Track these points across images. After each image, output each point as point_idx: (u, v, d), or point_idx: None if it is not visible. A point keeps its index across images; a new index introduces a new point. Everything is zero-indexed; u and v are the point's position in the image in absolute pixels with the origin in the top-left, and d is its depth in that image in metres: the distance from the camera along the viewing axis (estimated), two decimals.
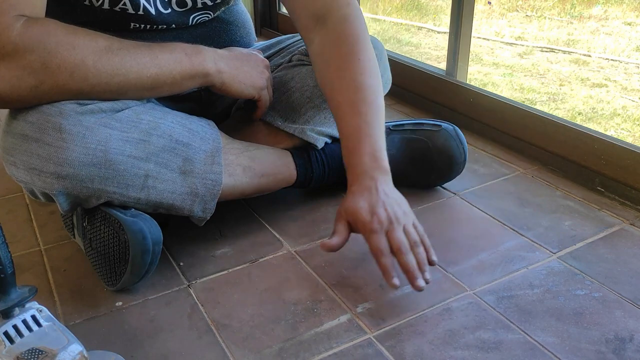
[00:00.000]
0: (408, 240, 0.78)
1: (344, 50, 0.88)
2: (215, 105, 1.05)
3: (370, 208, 0.79)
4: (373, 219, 0.78)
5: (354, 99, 0.86)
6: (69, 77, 0.73)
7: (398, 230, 0.78)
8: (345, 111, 0.86)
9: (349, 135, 0.85)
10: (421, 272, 0.76)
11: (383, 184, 0.82)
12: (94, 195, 0.77)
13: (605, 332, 0.74)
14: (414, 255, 0.77)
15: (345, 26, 0.89)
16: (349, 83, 0.87)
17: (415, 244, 0.78)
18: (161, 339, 0.75)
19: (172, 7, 0.90)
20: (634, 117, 2.09)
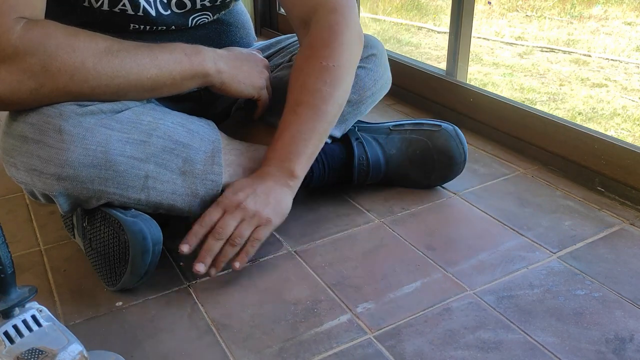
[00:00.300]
0: (234, 231, 0.79)
1: (308, 54, 0.89)
2: (215, 105, 1.05)
3: (239, 188, 0.82)
4: (228, 196, 0.81)
5: (298, 100, 0.87)
6: (69, 80, 0.73)
7: (231, 218, 0.79)
8: (286, 108, 0.88)
9: (277, 132, 0.87)
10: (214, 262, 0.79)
11: (273, 182, 0.84)
12: (94, 196, 0.77)
13: (606, 332, 0.74)
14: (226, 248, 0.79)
15: (322, 32, 0.89)
16: (300, 84, 0.88)
17: (232, 244, 0.80)
18: (161, 339, 0.75)
19: (172, 9, 0.90)
20: (634, 117, 2.09)
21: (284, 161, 0.85)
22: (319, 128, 0.87)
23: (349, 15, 0.91)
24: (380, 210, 1.03)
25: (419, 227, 0.98)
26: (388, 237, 0.95)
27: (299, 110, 0.86)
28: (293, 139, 0.86)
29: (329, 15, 0.90)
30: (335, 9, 0.90)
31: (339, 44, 0.88)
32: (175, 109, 0.87)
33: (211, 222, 0.80)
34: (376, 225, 0.99)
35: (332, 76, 0.87)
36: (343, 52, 0.89)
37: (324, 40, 0.89)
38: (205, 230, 0.80)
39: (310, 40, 0.90)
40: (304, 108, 0.86)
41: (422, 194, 1.08)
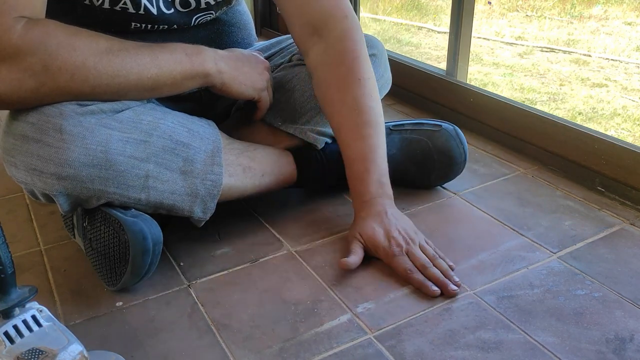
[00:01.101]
0: (426, 255, 0.85)
1: (343, 70, 0.90)
2: (216, 105, 1.05)
3: (386, 233, 0.86)
4: (391, 244, 0.85)
5: (357, 122, 0.89)
6: (70, 79, 0.73)
7: (416, 249, 0.85)
8: (348, 134, 0.89)
9: (354, 161, 0.89)
10: (448, 278, 0.82)
11: (391, 208, 0.88)
12: (95, 196, 0.77)
13: (606, 332, 0.74)
14: (436, 266, 0.83)
15: (345, 44, 0.90)
16: (351, 105, 0.89)
17: (434, 258, 0.85)
18: (161, 339, 0.75)
19: (176, 8, 0.90)
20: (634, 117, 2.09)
21: (381, 187, 0.89)
22: (384, 143, 0.91)
23: (357, 20, 0.93)
24: None
25: (419, 227, 0.98)
26: None
27: (365, 133, 0.89)
28: (375, 164, 0.89)
29: (343, 24, 0.90)
30: (346, 16, 0.91)
31: (364, 56, 0.91)
32: (175, 109, 0.87)
33: (411, 266, 0.83)
34: None
35: (374, 89, 0.91)
36: (367, 62, 0.92)
37: (354, 53, 0.90)
38: (420, 273, 0.83)
39: (334, 56, 0.90)
40: (366, 130, 0.89)
41: (422, 194, 1.08)
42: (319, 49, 0.91)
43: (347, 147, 0.90)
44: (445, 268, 0.83)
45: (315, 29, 0.90)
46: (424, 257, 0.84)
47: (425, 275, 0.82)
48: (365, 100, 0.89)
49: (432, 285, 0.81)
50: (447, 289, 0.80)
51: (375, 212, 0.87)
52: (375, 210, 0.87)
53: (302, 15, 0.91)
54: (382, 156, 0.90)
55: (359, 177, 0.89)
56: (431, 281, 0.81)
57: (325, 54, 0.90)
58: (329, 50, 0.90)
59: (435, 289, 0.80)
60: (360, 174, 0.89)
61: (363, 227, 0.87)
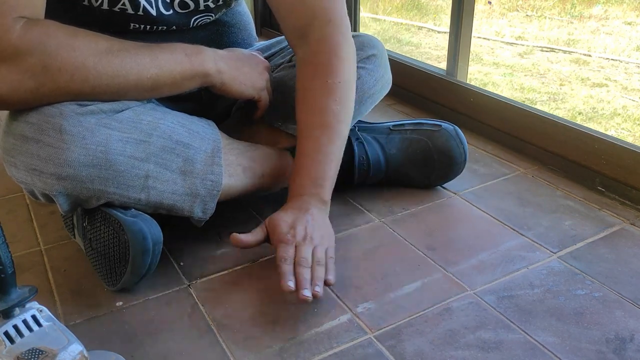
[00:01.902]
0: (313, 258, 0.79)
1: (312, 71, 0.90)
2: (216, 105, 1.05)
3: (292, 223, 0.82)
4: (289, 232, 0.81)
5: (312, 122, 0.88)
6: (70, 79, 0.73)
7: (307, 247, 0.80)
8: (301, 132, 0.89)
9: (299, 157, 0.88)
10: (313, 285, 0.76)
11: (316, 209, 0.85)
12: (94, 196, 0.77)
13: (606, 332, 0.74)
14: (312, 270, 0.78)
15: (321, 46, 0.90)
16: (312, 104, 0.89)
17: (318, 263, 0.79)
18: (161, 339, 0.75)
19: (174, 9, 0.90)
20: (634, 116, 2.09)
21: (315, 188, 0.87)
22: (337, 148, 0.89)
23: (343, 25, 0.91)
24: (381, 210, 1.03)
25: (419, 227, 0.98)
26: (388, 237, 0.95)
27: (316, 134, 0.87)
28: (318, 164, 0.87)
29: (325, 28, 0.90)
30: (330, 20, 0.90)
31: (340, 60, 0.89)
32: (175, 109, 0.87)
33: (290, 257, 0.79)
34: (376, 225, 0.99)
35: (340, 93, 0.88)
36: (344, 67, 0.90)
37: (325, 55, 0.89)
38: (291, 265, 0.78)
39: (311, 57, 0.90)
40: (320, 130, 0.87)
41: (422, 194, 1.08)
42: (302, 51, 0.92)
43: (297, 143, 0.89)
44: (317, 276, 0.78)
45: (301, 32, 0.91)
46: (306, 257, 0.79)
47: (295, 271, 0.77)
48: (327, 101, 0.88)
49: (289, 281, 0.75)
50: (300, 291, 0.75)
51: (297, 206, 0.85)
52: (298, 204, 0.85)
53: (291, 17, 0.91)
54: (329, 159, 0.87)
55: (296, 172, 0.88)
56: (295, 279, 0.76)
57: (305, 54, 0.91)
58: (307, 51, 0.91)
59: (289, 285, 0.75)
60: (299, 169, 0.88)
61: (275, 215, 0.85)
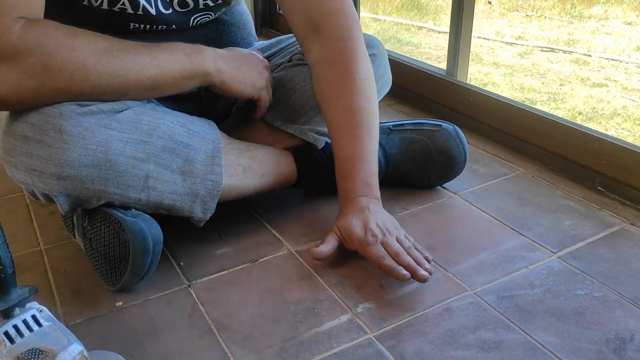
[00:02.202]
0: (402, 246, 0.83)
1: (340, 69, 0.90)
2: (216, 105, 1.05)
3: (364, 225, 0.84)
4: (367, 233, 0.83)
5: (349, 122, 0.89)
6: (70, 79, 0.73)
7: (391, 239, 0.83)
8: (341, 134, 0.89)
9: (344, 159, 0.89)
10: (420, 265, 0.80)
11: (375, 206, 0.87)
12: (95, 196, 0.77)
13: (606, 332, 0.74)
14: (410, 255, 0.81)
15: (343, 42, 0.90)
16: (345, 104, 0.89)
17: (410, 249, 0.83)
18: (161, 339, 0.75)
19: (174, 8, 0.90)
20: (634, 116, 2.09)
21: (367, 187, 0.88)
22: (375, 144, 0.91)
23: (357, 18, 0.92)
24: None
25: (419, 227, 0.98)
26: None
27: (357, 133, 0.89)
28: (365, 164, 0.88)
29: (343, 22, 0.90)
30: (346, 13, 0.90)
31: (362, 55, 0.91)
32: (175, 109, 0.87)
33: (385, 253, 0.82)
34: None
35: (369, 90, 0.90)
36: (367, 62, 0.91)
37: (351, 52, 0.90)
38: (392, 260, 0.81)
39: (332, 54, 0.90)
40: (358, 130, 0.89)
41: (422, 194, 1.08)
42: (318, 47, 0.91)
43: (337, 145, 0.90)
44: (418, 257, 0.82)
45: (316, 27, 0.90)
46: (398, 246, 0.82)
47: (397, 262, 0.80)
48: (359, 100, 0.89)
49: (402, 269, 0.79)
50: (417, 274, 0.78)
51: (358, 208, 0.86)
52: (358, 207, 0.86)
53: (303, 13, 0.91)
54: (372, 157, 0.89)
55: (346, 175, 0.89)
56: (404, 267, 0.79)
57: (323, 52, 0.90)
58: (327, 48, 0.90)
59: (405, 272, 0.78)
60: (347, 172, 0.89)
61: (342, 220, 0.86)
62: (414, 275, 0.79)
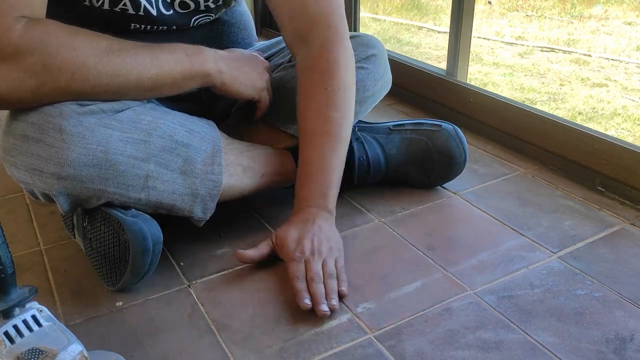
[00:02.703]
0: (323, 272, 0.81)
1: (313, 78, 0.90)
2: (216, 105, 1.05)
3: (299, 238, 0.84)
4: (297, 249, 0.83)
5: (314, 130, 0.89)
6: (70, 79, 0.73)
7: (316, 262, 0.81)
8: (304, 141, 0.89)
9: (303, 166, 0.89)
10: (327, 299, 0.78)
11: (322, 220, 0.86)
12: (95, 196, 0.77)
13: (606, 332, 0.74)
14: (324, 285, 0.79)
15: (322, 52, 0.90)
16: (313, 113, 0.89)
17: (330, 277, 0.81)
18: (161, 339, 0.75)
19: (175, 9, 0.90)
20: (634, 116, 2.09)
21: (321, 198, 0.88)
22: (340, 155, 0.89)
23: (342, 30, 0.92)
24: (381, 210, 1.03)
25: (419, 227, 0.98)
26: (388, 237, 0.95)
27: (318, 141, 0.88)
28: (322, 173, 0.88)
29: (325, 33, 0.90)
30: (330, 26, 0.90)
31: (340, 66, 0.90)
32: (175, 109, 0.87)
33: (302, 273, 0.81)
34: (376, 225, 0.99)
35: (341, 101, 0.89)
36: (344, 73, 0.90)
37: (326, 62, 0.90)
38: (304, 282, 0.80)
39: (312, 62, 0.91)
40: (322, 138, 0.88)
41: (422, 194, 1.08)
42: (302, 55, 0.92)
43: (300, 152, 0.90)
44: (330, 289, 0.79)
45: (301, 36, 0.91)
46: (317, 272, 0.80)
47: (309, 287, 0.78)
48: (327, 110, 0.88)
49: (306, 298, 0.77)
50: (317, 307, 0.76)
51: (304, 219, 0.86)
52: (304, 217, 0.86)
53: (291, 21, 0.92)
54: (334, 169, 0.88)
55: (302, 182, 0.89)
56: (310, 294, 0.78)
57: (305, 60, 0.92)
58: (308, 57, 0.91)
59: (306, 302, 0.76)
60: (305, 180, 0.89)
61: (282, 229, 0.86)
62: (314, 307, 0.77)
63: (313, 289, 0.78)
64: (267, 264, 0.89)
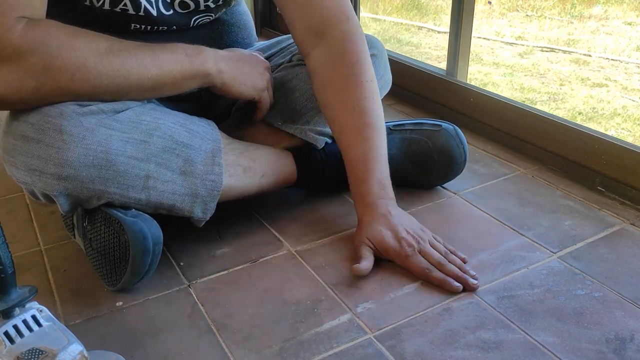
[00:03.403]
0: (439, 252, 0.85)
1: (346, 72, 0.90)
2: (216, 105, 1.05)
3: (394, 234, 0.85)
4: (402, 245, 0.84)
5: (359, 124, 0.89)
6: (71, 79, 0.73)
7: (427, 247, 0.85)
8: (350, 136, 0.89)
9: (356, 162, 0.89)
10: (464, 273, 0.82)
11: (394, 209, 0.88)
12: (95, 196, 0.77)
13: (606, 332, 0.74)
14: (451, 262, 0.84)
15: (347, 45, 0.90)
16: (353, 107, 0.89)
17: (447, 254, 0.85)
18: (161, 339, 0.75)
19: (175, 9, 0.90)
20: (634, 116, 2.09)
21: (383, 189, 0.89)
22: (385, 145, 0.91)
23: (358, 23, 0.93)
24: None
25: None
26: None
27: (368, 135, 0.89)
28: (378, 165, 0.89)
29: (345, 26, 0.90)
30: (348, 18, 0.91)
31: (367, 58, 0.91)
32: (175, 109, 0.87)
33: (428, 264, 0.84)
34: None
35: (375, 92, 0.91)
36: (370, 64, 0.92)
37: (356, 55, 0.90)
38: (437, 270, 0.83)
39: (336, 57, 0.90)
40: (369, 131, 0.89)
41: (422, 194, 1.08)
42: (320, 51, 0.91)
43: (348, 149, 0.90)
44: (459, 263, 0.84)
45: (317, 31, 0.90)
46: (438, 255, 0.84)
47: (443, 272, 0.82)
48: (367, 102, 0.89)
49: (453, 281, 0.81)
50: (469, 284, 0.81)
51: (380, 214, 0.87)
52: (380, 212, 0.87)
53: (304, 17, 0.91)
54: (384, 158, 0.90)
55: (360, 178, 0.89)
56: (450, 277, 0.82)
57: (326, 56, 0.90)
58: (330, 52, 0.90)
59: (457, 284, 0.81)
60: (362, 175, 0.89)
61: (370, 231, 0.86)
62: (465, 285, 0.81)
63: (448, 271, 0.82)
64: (268, 264, 0.89)
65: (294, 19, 0.92)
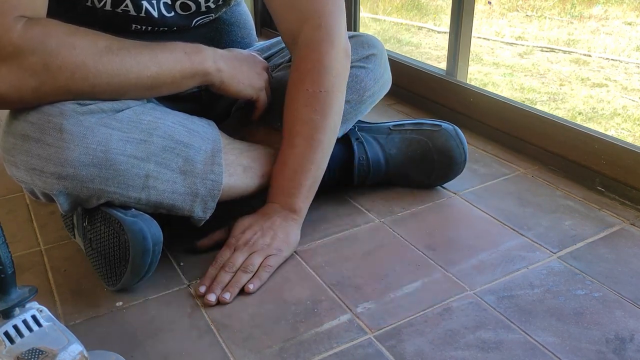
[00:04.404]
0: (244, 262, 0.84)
1: (296, 78, 0.91)
2: (216, 105, 1.05)
3: (245, 228, 0.88)
4: (236, 236, 0.87)
5: (292, 131, 0.90)
6: (70, 78, 0.73)
7: (242, 253, 0.85)
8: (284, 138, 0.91)
9: (276, 164, 0.91)
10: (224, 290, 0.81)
11: (280, 217, 0.88)
12: (95, 196, 0.77)
13: (606, 332, 0.74)
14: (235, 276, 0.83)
15: (307, 53, 0.90)
16: (292, 112, 0.90)
17: (243, 270, 0.83)
18: (161, 339, 0.75)
19: (176, 11, 0.90)
20: (634, 117, 2.09)
21: (286, 197, 0.90)
22: (315, 158, 0.90)
23: (335, 30, 0.90)
24: (381, 210, 1.03)
25: (419, 227, 0.98)
26: (388, 237, 0.95)
27: (295, 142, 0.89)
28: (293, 173, 0.89)
29: (313, 33, 0.89)
30: (320, 25, 0.89)
31: (324, 68, 0.89)
32: (175, 109, 0.87)
33: (222, 261, 0.84)
34: (376, 225, 0.99)
35: (321, 103, 0.89)
36: (328, 75, 0.89)
37: (310, 63, 0.89)
38: (217, 269, 0.84)
39: (297, 64, 0.91)
40: (299, 139, 0.89)
41: (422, 194, 1.08)
42: (294, 55, 0.92)
43: (279, 150, 0.91)
44: (235, 281, 0.82)
45: (293, 35, 0.91)
46: (234, 262, 0.83)
47: (217, 274, 0.83)
48: (307, 112, 0.89)
49: (204, 285, 0.82)
50: (206, 295, 0.80)
51: (263, 212, 0.90)
52: (264, 211, 0.90)
53: (284, 21, 0.92)
54: (305, 170, 0.89)
55: (272, 179, 0.91)
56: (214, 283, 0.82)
57: (295, 59, 0.92)
58: (296, 56, 0.91)
59: (200, 289, 0.82)
60: (274, 177, 0.91)
61: (240, 218, 0.90)
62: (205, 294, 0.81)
63: (218, 275, 0.82)
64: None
65: (277, 24, 0.94)
